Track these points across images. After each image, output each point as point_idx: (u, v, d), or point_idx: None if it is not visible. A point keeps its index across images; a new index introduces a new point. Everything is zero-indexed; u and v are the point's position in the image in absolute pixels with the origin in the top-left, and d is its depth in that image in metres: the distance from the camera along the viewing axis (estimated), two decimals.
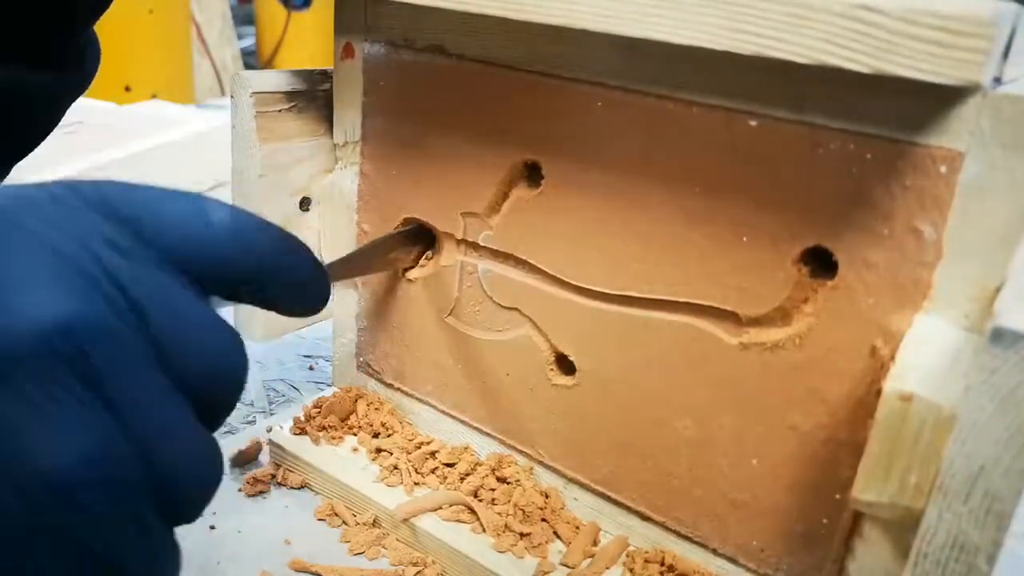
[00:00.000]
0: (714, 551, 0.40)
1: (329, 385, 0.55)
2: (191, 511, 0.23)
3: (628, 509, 0.42)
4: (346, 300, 0.52)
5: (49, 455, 0.19)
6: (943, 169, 0.30)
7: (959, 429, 0.25)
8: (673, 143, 0.36)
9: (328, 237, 0.51)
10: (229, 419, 0.27)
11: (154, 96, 1.61)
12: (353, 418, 0.51)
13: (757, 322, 0.36)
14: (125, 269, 0.21)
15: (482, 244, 0.44)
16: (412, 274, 0.48)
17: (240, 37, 2.36)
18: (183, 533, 0.23)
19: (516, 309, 0.44)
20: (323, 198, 0.50)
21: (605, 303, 0.40)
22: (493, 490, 0.45)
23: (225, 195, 0.26)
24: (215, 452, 0.23)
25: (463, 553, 0.42)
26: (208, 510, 0.24)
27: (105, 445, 0.20)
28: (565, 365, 0.43)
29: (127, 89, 1.73)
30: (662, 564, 0.41)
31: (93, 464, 0.19)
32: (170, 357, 0.21)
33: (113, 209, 0.21)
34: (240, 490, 0.47)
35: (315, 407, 0.51)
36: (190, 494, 0.22)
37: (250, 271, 0.24)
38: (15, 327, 0.19)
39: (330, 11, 0.47)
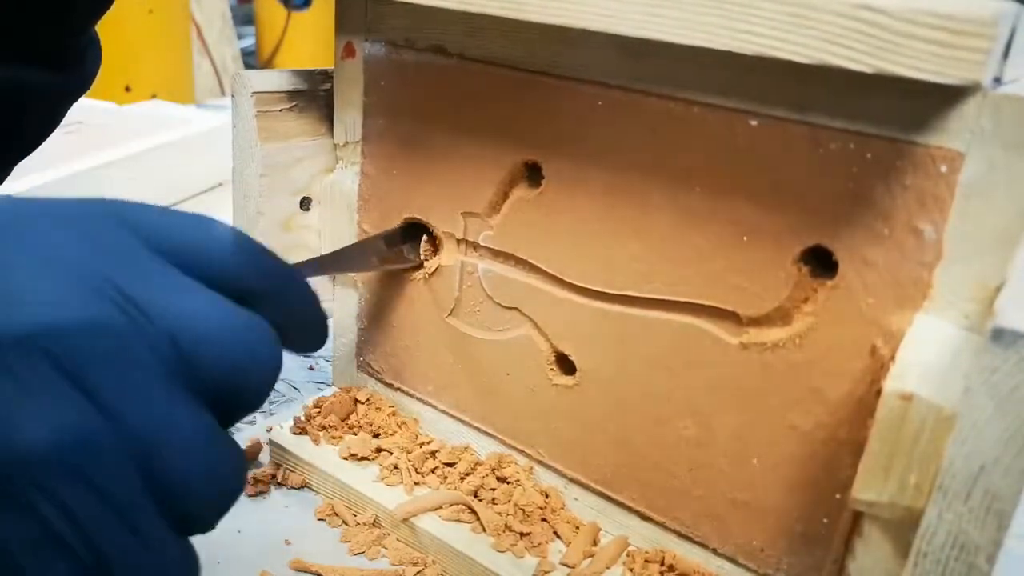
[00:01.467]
0: (714, 551, 0.40)
1: (329, 385, 0.55)
2: (203, 521, 0.22)
3: (628, 509, 0.42)
4: (346, 300, 0.52)
5: (19, 430, 0.19)
6: (943, 169, 0.30)
7: (959, 429, 0.25)
8: (673, 143, 0.36)
9: (328, 237, 0.51)
10: None
11: (154, 96, 1.61)
12: (353, 418, 0.51)
13: (757, 322, 0.36)
14: (132, 273, 0.21)
15: (482, 244, 0.44)
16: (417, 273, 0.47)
17: (240, 37, 2.35)
18: None
19: (516, 309, 0.44)
20: (324, 198, 0.50)
21: (605, 303, 0.40)
22: (493, 490, 0.45)
23: (226, 195, 0.26)
24: (235, 462, 0.22)
25: (463, 553, 0.42)
26: None
27: (83, 434, 0.19)
28: (565, 365, 0.43)
29: (127, 89, 1.73)
30: (662, 564, 0.41)
31: (66, 447, 0.19)
32: (186, 357, 0.21)
33: (123, 220, 0.22)
34: None
35: (315, 407, 0.51)
36: (201, 503, 0.22)
37: (257, 287, 0.24)
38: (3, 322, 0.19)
39: (330, 11, 0.47)
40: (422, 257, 0.47)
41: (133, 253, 0.21)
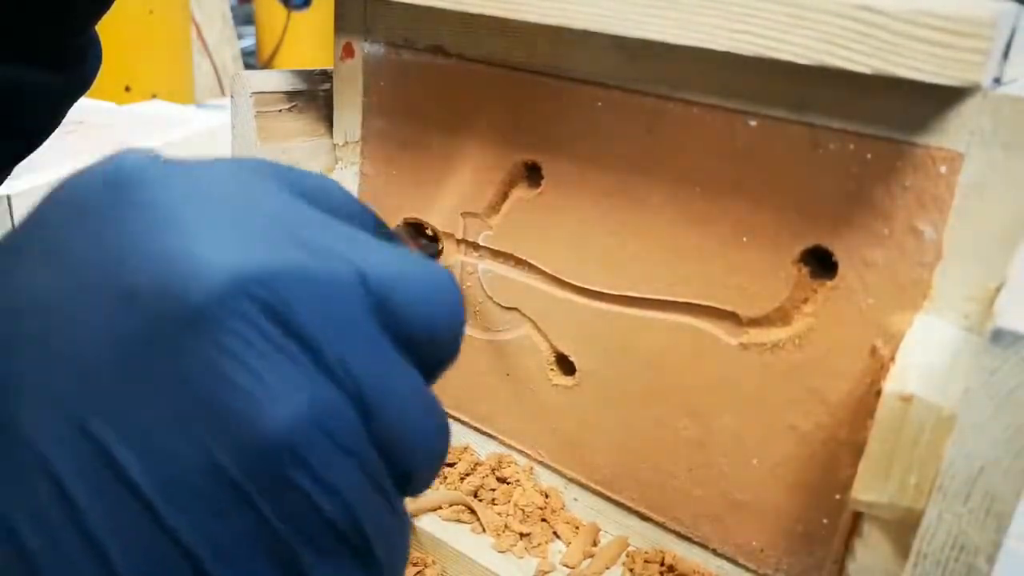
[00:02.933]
0: (714, 551, 0.40)
1: None
2: (422, 483, 0.20)
3: (628, 509, 0.42)
4: None
5: (265, 414, 0.16)
6: (943, 169, 0.30)
7: (959, 429, 0.25)
8: (673, 143, 0.36)
9: None
10: None
11: (154, 96, 1.61)
12: None
13: (757, 322, 0.36)
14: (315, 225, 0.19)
15: (482, 244, 0.44)
16: None
17: (240, 37, 2.36)
18: None
19: (516, 309, 0.44)
20: None
21: (605, 303, 0.40)
22: (493, 490, 0.45)
23: None
24: (444, 421, 0.21)
25: (463, 553, 0.42)
26: None
27: (325, 405, 0.17)
28: (565, 365, 0.43)
29: (127, 89, 1.73)
30: (662, 564, 0.41)
31: (314, 424, 0.17)
32: (389, 312, 0.19)
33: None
34: None
35: None
36: (421, 463, 0.19)
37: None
38: (204, 273, 0.16)
39: (330, 11, 0.47)
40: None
41: (305, 211, 0.19)
